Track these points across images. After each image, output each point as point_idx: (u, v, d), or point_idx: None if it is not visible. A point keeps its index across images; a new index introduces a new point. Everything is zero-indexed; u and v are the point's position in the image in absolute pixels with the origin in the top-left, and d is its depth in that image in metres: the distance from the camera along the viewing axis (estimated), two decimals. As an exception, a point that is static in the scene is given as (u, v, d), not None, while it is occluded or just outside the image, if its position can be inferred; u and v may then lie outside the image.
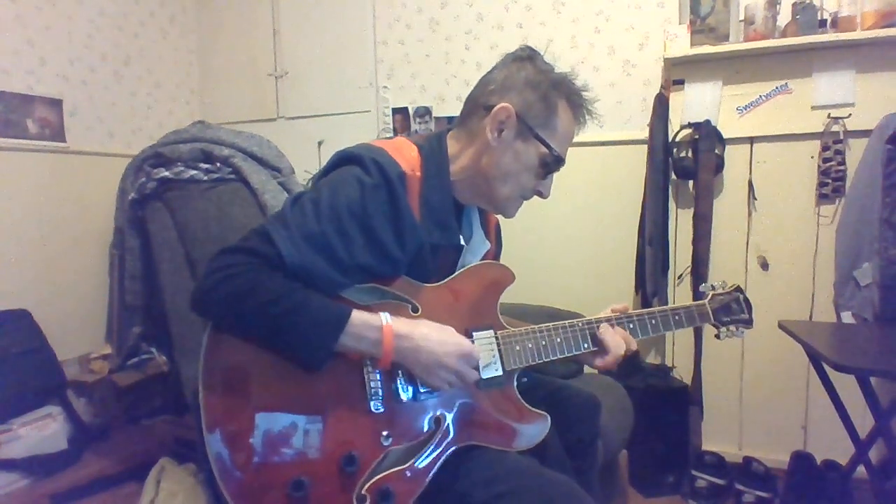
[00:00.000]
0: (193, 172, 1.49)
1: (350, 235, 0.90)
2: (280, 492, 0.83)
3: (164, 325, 1.59)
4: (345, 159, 0.97)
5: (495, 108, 0.99)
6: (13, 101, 2.26)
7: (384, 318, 0.90)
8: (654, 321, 1.10)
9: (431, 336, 0.91)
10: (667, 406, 2.02)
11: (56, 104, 2.42)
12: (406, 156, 0.99)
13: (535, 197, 1.08)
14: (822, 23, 1.94)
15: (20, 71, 2.29)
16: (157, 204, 1.53)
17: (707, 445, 2.14)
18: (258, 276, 0.85)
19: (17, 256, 2.27)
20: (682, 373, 2.18)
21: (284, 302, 0.84)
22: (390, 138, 1.10)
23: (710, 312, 1.14)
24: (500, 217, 1.17)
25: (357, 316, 0.88)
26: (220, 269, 0.85)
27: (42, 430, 2.06)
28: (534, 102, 0.99)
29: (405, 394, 0.93)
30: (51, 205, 2.39)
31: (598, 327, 1.06)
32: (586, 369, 1.91)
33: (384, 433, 0.90)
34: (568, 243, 2.41)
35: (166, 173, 1.50)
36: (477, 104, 1.03)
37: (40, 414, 2.10)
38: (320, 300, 0.87)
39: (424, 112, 2.65)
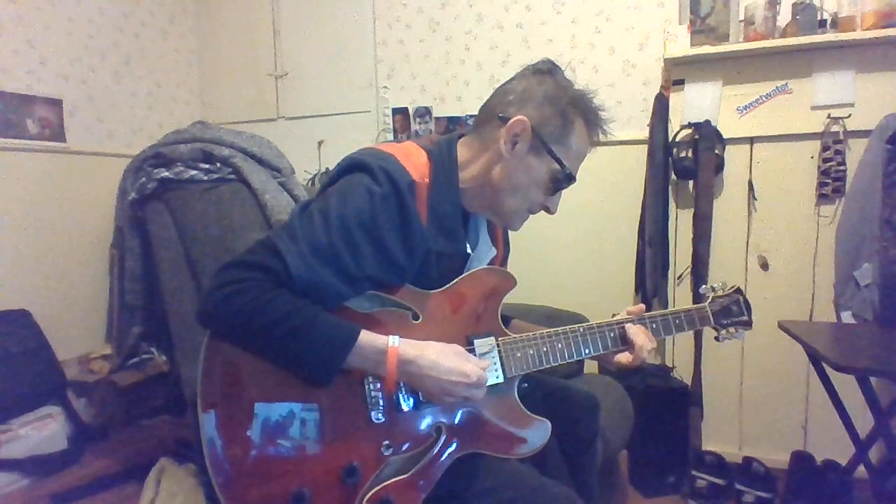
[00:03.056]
0: (193, 173, 1.49)
1: (359, 247, 0.89)
2: None
3: (164, 325, 1.59)
4: (353, 167, 0.95)
5: (511, 121, 0.96)
6: (13, 101, 2.25)
7: (391, 341, 0.88)
8: (654, 325, 1.09)
9: (440, 364, 0.89)
10: (667, 406, 2.01)
11: (56, 104, 2.41)
12: (415, 162, 0.97)
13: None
14: (822, 23, 1.94)
15: (20, 71, 2.29)
16: (157, 204, 1.52)
17: (707, 445, 2.14)
18: (266, 294, 0.84)
19: (16, 256, 2.27)
20: (682, 373, 2.18)
21: (292, 320, 0.83)
22: (398, 141, 1.08)
23: (711, 315, 1.14)
24: None
25: (364, 337, 0.87)
26: (227, 283, 0.85)
27: (42, 430, 2.05)
28: (550, 118, 0.97)
29: (406, 403, 0.93)
30: (51, 205, 2.39)
31: (621, 329, 1.06)
32: (586, 369, 1.92)
33: (385, 443, 0.90)
34: (568, 243, 2.41)
35: (166, 173, 1.50)
36: (493, 114, 1.00)
37: (40, 414, 2.09)
38: (328, 319, 0.86)
39: (424, 112, 2.65)
